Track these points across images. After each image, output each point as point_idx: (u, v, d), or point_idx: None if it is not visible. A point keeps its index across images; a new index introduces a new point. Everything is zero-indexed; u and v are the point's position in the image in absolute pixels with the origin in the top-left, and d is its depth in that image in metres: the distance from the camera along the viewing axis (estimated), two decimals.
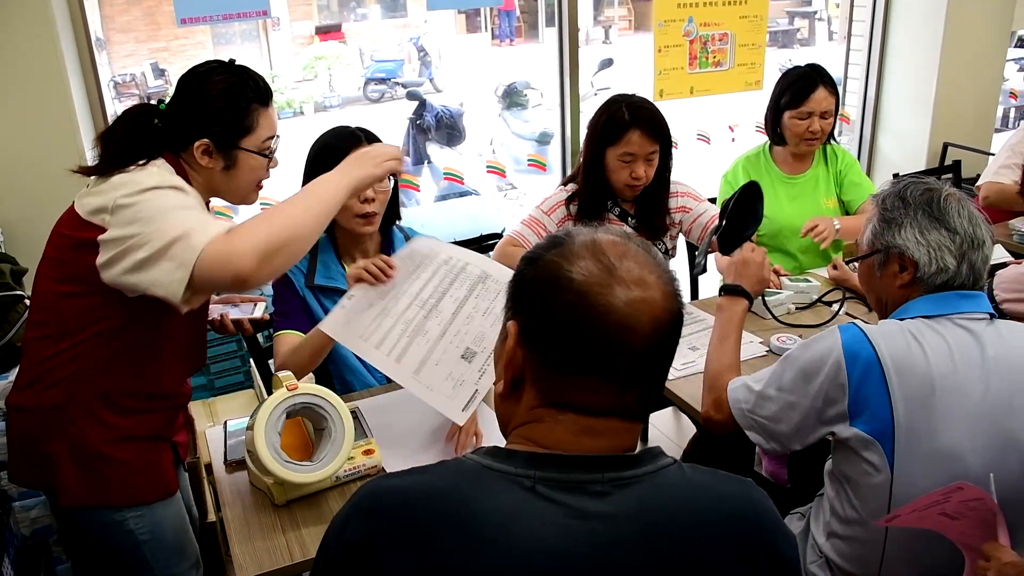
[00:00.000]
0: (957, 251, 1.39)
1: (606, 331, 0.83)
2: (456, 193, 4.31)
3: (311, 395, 1.53)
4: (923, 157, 3.96)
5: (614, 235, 0.91)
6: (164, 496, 1.64)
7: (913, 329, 1.38)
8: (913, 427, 1.33)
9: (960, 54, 3.80)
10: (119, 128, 1.54)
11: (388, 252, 2.04)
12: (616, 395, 0.86)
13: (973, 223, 1.40)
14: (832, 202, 2.72)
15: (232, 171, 1.56)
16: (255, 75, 1.57)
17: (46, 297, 1.53)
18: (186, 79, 1.54)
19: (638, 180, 2.29)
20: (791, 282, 2.36)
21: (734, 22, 3.45)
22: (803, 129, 2.57)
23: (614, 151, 2.28)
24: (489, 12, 13.87)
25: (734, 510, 0.88)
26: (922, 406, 1.33)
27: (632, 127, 2.25)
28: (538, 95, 6.21)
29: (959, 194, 1.43)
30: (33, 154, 2.51)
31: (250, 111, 1.54)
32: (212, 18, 2.65)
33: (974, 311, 1.39)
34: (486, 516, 0.83)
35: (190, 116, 1.52)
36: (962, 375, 1.34)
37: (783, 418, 1.47)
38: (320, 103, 10.08)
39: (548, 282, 0.87)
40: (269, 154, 1.59)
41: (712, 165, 3.92)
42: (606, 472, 0.85)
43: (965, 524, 1.15)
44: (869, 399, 1.35)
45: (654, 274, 0.87)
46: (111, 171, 1.48)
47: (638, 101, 2.32)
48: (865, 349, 1.36)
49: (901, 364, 1.34)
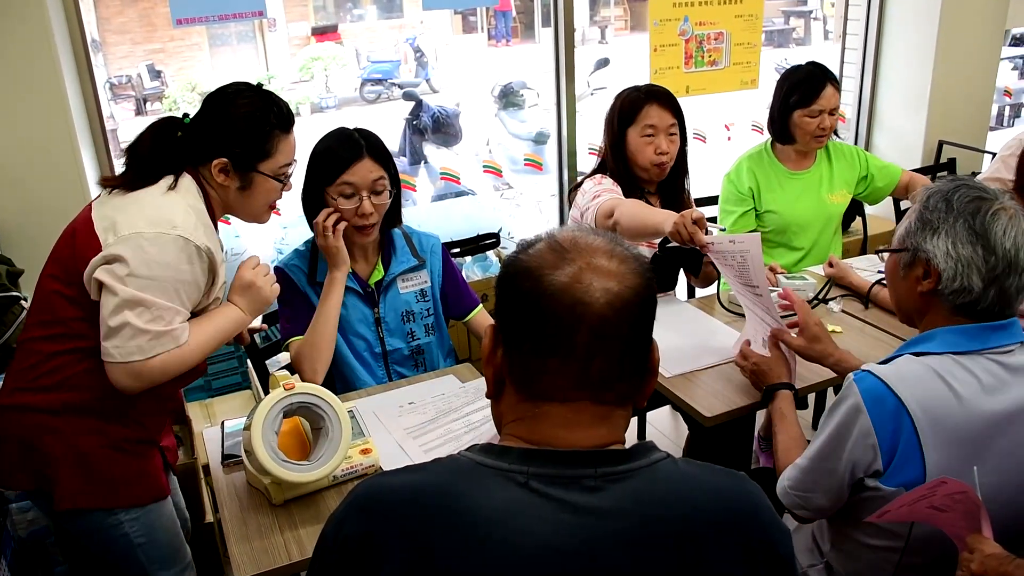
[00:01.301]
0: (988, 273, 1.27)
1: (557, 307, 0.85)
2: (453, 193, 4.31)
3: (308, 394, 1.53)
4: (918, 155, 3.97)
5: (584, 232, 0.92)
6: (158, 498, 1.65)
7: (942, 369, 1.27)
8: (946, 472, 1.23)
9: (955, 52, 3.81)
10: (146, 140, 1.58)
11: (388, 254, 2.04)
12: (581, 372, 0.86)
13: (1018, 245, 1.26)
14: (836, 197, 2.72)
15: (247, 192, 1.62)
16: (280, 101, 1.62)
17: (51, 299, 1.53)
18: (213, 98, 1.59)
19: (664, 155, 2.28)
20: (787, 279, 2.37)
21: (729, 21, 3.46)
22: (814, 127, 2.58)
23: (635, 129, 2.29)
24: (485, 13, 13.88)
25: (728, 503, 0.88)
26: (956, 463, 1.23)
27: (648, 100, 2.28)
28: (534, 95, 6.21)
29: (1014, 209, 1.29)
30: (29, 156, 2.50)
31: (271, 136, 1.59)
32: (208, 19, 2.65)
33: (1005, 344, 1.29)
34: (481, 513, 0.83)
35: (212, 134, 1.57)
36: (997, 429, 1.25)
37: (819, 487, 1.37)
38: (316, 104, 10.08)
39: (509, 275, 0.90)
40: (284, 179, 1.65)
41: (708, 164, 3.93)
42: (599, 467, 0.85)
43: (954, 516, 1.16)
44: (902, 457, 1.26)
45: (610, 252, 0.88)
46: (137, 185, 1.52)
47: (651, 84, 2.38)
48: (888, 399, 1.26)
49: (933, 417, 1.24)
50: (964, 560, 1.13)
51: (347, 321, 2.00)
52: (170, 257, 1.46)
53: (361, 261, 2.04)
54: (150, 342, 1.45)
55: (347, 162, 1.88)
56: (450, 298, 2.12)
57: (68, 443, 1.54)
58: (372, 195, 1.90)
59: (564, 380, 0.86)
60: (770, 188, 2.67)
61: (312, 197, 1.94)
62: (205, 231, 1.53)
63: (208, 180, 1.59)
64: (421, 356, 2.09)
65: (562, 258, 0.87)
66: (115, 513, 1.59)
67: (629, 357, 0.89)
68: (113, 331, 1.44)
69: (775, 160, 2.71)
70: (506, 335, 0.90)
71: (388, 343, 2.04)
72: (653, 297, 0.90)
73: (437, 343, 2.11)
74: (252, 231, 3.22)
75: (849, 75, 4.16)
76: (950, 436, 1.24)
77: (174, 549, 1.70)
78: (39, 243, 1.57)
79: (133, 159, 1.56)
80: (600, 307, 0.84)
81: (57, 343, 1.52)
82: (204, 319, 1.59)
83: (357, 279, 2.01)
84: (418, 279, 2.07)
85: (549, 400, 0.88)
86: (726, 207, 2.72)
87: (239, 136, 1.57)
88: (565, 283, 0.85)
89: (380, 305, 2.02)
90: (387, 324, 2.03)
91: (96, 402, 1.53)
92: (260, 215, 1.70)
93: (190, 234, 1.48)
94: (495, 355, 0.92)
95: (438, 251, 2.12)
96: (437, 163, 5.18)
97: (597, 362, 0.86)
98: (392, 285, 2.04)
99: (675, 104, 2.32)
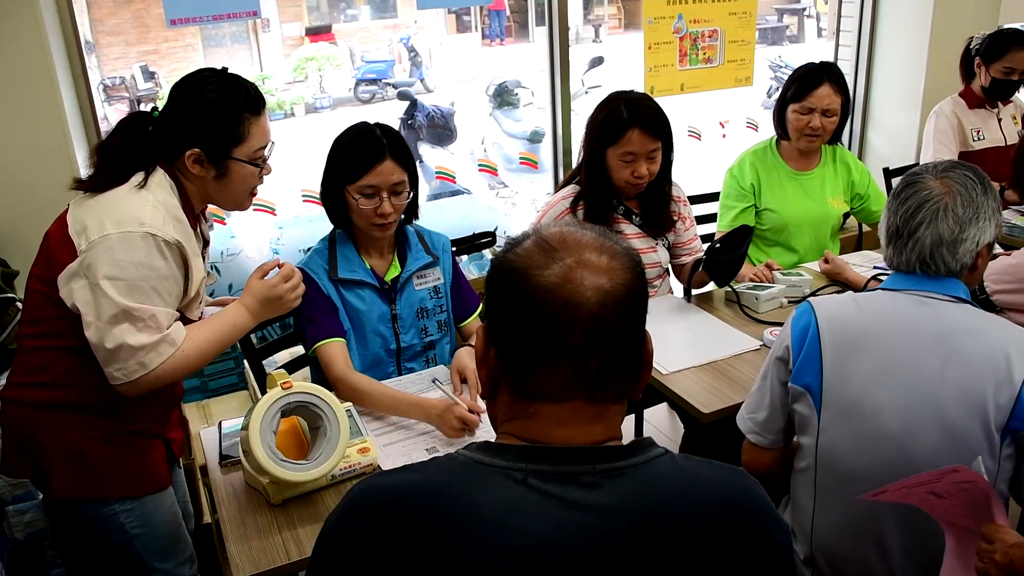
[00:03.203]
0: (887, 240, 1.47)
1: (550, 306, 0.84)
2: (448, 192, 4.30)
3: (306, 393, 1.53)
4: (911, 153, 3.97)
5: (572, 227, 0.91)
6: (154, 490, 1.65)
7: (861, 297, 1.49)
8: (837, 378, 1.41)
9: (948, 50, 3.81)
10: (115, 138, 1.55)
11: (403, 250, 2.04)
12: (575, 372, 0.85)
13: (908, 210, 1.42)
14: (838, 202, 2.71)
15: (224, 180, 1.58)
16: (247, 84, 1.58)
17: (35, 297, 1.54)
18: (178, 88, 1.55)
19: (640, 179, 2.24)
20: (784, 276, 2.37)
21: (724, 18, 3.46)
22: (803, 124, 2.56)
23: (615, 151, 2.23)
24: (479, 12, 13.86)
25: (727, 499, 0.88)
26: (846, 357, 1.41)
27: (632, 125, 2.19)
28: (529, 94, 6.21)
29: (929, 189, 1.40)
30: (23, 157, 2.50)
31: (242, 120, 1.55)
32: (202, 19, 2.64)
33: (941, 292, 1.41)
34: (479, 510, 0.83)
35: (182, 125, 1.53)
36: (895, 335, 1.39)
37: (763, 403, 1.55)
38: (311, 104, 10.04)
39: (498, 275, 0.89)
40: (261, 163, 1.61)
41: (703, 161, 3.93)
42: (597, 463, 0.85)
43: (952, 503, 1.16)
44: (806, 357, 1.45)
45: (599, 247, 0.87)
46: (108, 185, 1.50)
47: (637, 98, 2.25)
48: (807, 315, 1.48)
49: (834, 322, 1.44)
50: (984, 551, 1.12)
51: (367, 318, 1.98)
52: (140, 256, 1.44)
53: (376, 257, 2.02)
54: (149, 355, 1.45)
55: (370, 163, 1.87)
56: (454, 300, 2.12)
57: (58, 435, 1.56)
58: (392, 196, 1.89)
59: (558, 380, 0.86)
60: (772, 186, 2.66)
61: (332, 193, 1.94)
62: (175, 226, 1.50)
63: (184, 172, 1.56)
64: (432, 352, 2.09)
65: (551, 256, 0.86)
66: (109, 503, 1.59)
67: (623, 353, 0.88)
68: (112, 355, 1.44)
69: (779, 158, 2.70)
70: (497, 336, 0.90)
71: (403, 339, 2.04)
72: (644, 290, 0.90)
73: (449, 340, 2.12)
74: (249, 231, 3.21)
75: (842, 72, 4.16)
76: (840, 343, 1.42)
77: (174, 541, 1.70)
78: (33, 245, 1.57)
79: (103, 159, 1.54)
80: (592, 306, 0.83)
81: (43, 340, 1.53)
82: (207, 322, 1.59)
83: (375, 275, 2.00)
84: (432, 276, 2.07)
85: (544, 400, 0.87)
86: (726, 202, 2.72)
87: (209, 124, 1.53)
88: (555, 282, 0.84)
89: (397, 301, 2.02)
90: (402, 320, 2.03)
91: (84, 398, 1.54)
92: (241, 202, 1.65)
93: (157, 229, 1.46)
94: (488, 355, 0.92)
95: (448, 250, 2.12)
96: (432, 162, 5.17)
97: (592, 361, 0.85)
98: (408, 282, 2.03)
99: (659, 124, 2.22)
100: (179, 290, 1.53)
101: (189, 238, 1.55)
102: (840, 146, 2.75)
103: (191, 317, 1.61)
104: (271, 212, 3.22)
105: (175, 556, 1.70)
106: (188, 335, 1.53)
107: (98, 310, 1.43)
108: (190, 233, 1.56)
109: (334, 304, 1.96)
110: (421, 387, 1.94)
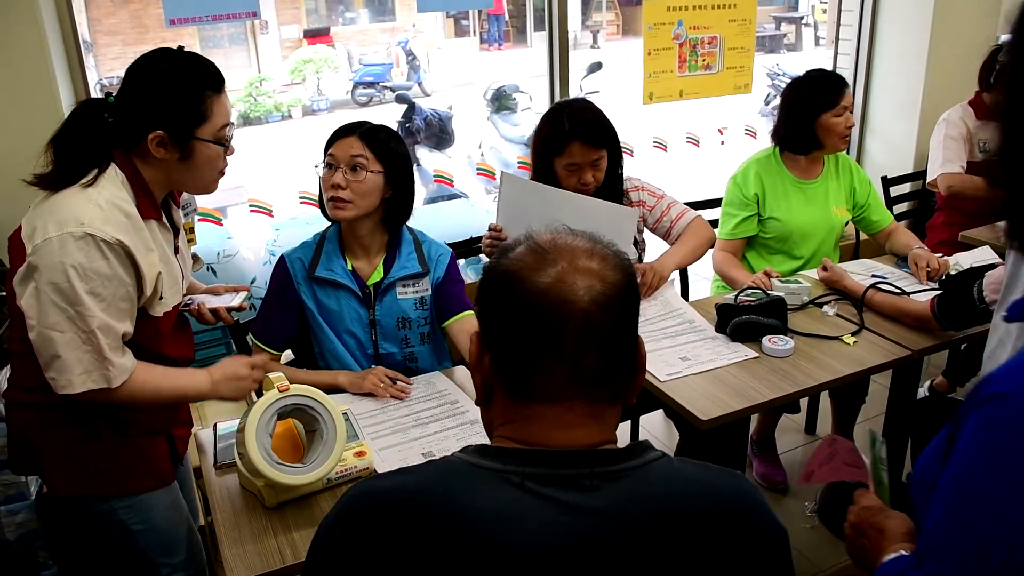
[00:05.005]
0: None
1: (543, 306, 0.85)
2: (446, 196, 4.30)
3: (303, 396, 1.52)
4: (910, 161, 3.98)
5: (563, 233, 0.92)
6: (154, 487, 1.64)
7: None
8: None
9: (947, 59, 3.83)
10: (69, 130, 1.50)
11: (394, 252, 2.02)
12: (570, 372, 0.86)
13: None
14: (841, 210, 2.71)
15: (189, 162, 1.52)
16: (206, 61, 1.53)
17: (12, 301, 1.51)
18: (134, 69, 1.49)
19: (587, 185, 2.30)
20: (782, 283, 2.37)
21: (723, 26, 3.47)
22: (843, 126, 2.55)
23: (560, 161, 2.30)
24: (477, 17, 13.89)
25: (725, 502, 0.88)
26: None
27: (573, 138, 2.25)
28: (527, 99, 6.22)
29: None
30: (20, 157, 2.46)
31: (204, 98, 1.50)
32: (201, 19, 2.64)
33: None
34: (476, 514, 0.83)
35: (141, 107, 1.47)
36: None
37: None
38: (308, 106, 10.05)
39: (491, 280, 0.91)
40: (226, 143, 1.56)
41: (701, 167, 3.94)
42: (594, 466, 0.85)
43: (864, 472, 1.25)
44: None
45: (590, 251, 0.89)
46: (63, 185, 1.45)
47: (579, 108, 2.30)
48: None
49: None
50: (848, 512, 1.20)
51: (339, 317, 1.98)
52: (79, 258, 1.38)
53: (362, 258, 2.01)
54: (80, 377, 1.42)
55: (336, 137, 1.93)
56: (440, 300, 2.06)
57: (49, 435, 1.56)
58: (349, 170, 1.89)
59: (556, 380, 0.86)
60: (776, 195, 2.65)
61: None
62: (119, 225, 1.43)
63: (146, 160, 1.50)
64: (414, 363, 2.07)
65: (544, 260, 0.87)
66: (107, 500, 1.59)
67: (617, 353, 0.89)
68: (47, 363, 1.42)
69: (783, 167, 2.68)
70: (492, 340, 0.90)
71: (381, 346, 2.02)
72: (636, 292, 0.91)
73: (431, 351, 2.09)
74: (245, 233, 3.20)
75: None
76: None
77: (177, 538, 1.69)
78: None
79: (57, 154, 1.48)
80: (585, 304, 0.85)
81: (24, 344, 1.49)
82: (166, 371, 1.57)
83: (355, 278, 1.99)
84: (419, 287, 2.03)
85: (541, 401, 0.88)
86: (728, 210, 2.71)
87: (170, 103, 1.46)
88: (549, 284, 0.85)
89: (376, 307, 2.01)
90: (382, 328, 2.01)
91: (69, 400, 1.50)
92: (208, 185, 1.60)
93: (97, 229, 1.39)
94: (482, 361, 0.92)
95: (444, 262, 2.07)
96: (430, 166, 5.17)
97: (587, 360, 0.86)
98: (391, 289, 2.01)
99: (600, 134, 2.27)
100: (127, 290, 1.46)
101: (139, 233, 1.48)
102: (843, 153, 2.75)
103: (154, 314, 1.55)
104: (268, 214, 3.22)
105: (179, 552, 1.69)
106: (139, 375, 1.49)
107: (39, 314, 1.39)
108: (141, 227, 1.49)
109: (296, 306, 2.00)
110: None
